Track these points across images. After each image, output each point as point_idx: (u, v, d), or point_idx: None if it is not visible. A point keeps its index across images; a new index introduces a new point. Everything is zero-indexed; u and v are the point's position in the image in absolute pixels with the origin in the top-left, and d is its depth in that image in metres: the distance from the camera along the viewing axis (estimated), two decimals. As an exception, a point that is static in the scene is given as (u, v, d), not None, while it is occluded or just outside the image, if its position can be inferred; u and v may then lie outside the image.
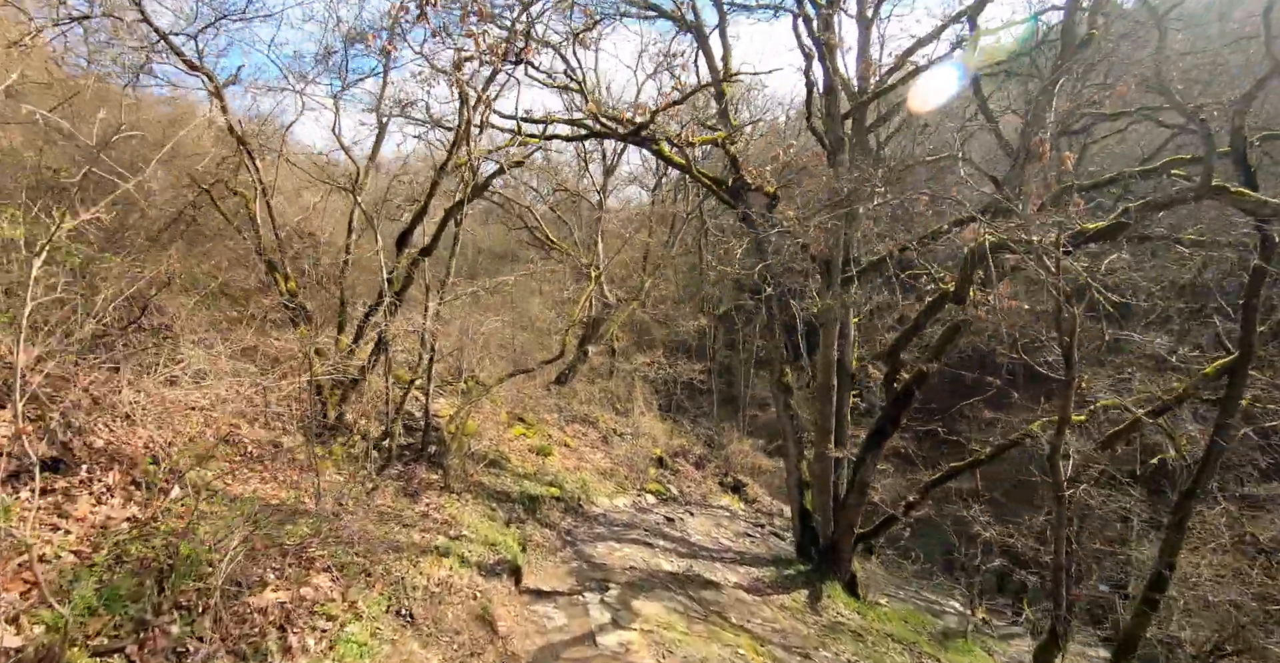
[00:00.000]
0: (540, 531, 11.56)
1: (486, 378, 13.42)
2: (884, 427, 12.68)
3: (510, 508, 11.64)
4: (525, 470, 13.82)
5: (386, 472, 10.06)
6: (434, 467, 11.34)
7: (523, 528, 11.02)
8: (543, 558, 10.24)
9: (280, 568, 5.22)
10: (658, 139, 12.76)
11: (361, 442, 9.57)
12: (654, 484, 17.75)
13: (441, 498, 10.11)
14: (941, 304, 9.58)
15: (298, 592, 5.15)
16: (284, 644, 4.66)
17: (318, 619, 5.13)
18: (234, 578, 4.73)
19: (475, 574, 7.60)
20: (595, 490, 15.15)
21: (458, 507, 10.07)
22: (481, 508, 10.77)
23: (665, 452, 19.82)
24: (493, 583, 7.65)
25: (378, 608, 5.75)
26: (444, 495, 10.27)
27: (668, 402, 23.23)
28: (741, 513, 19.71)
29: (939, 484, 13.75)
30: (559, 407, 18.41)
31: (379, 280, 10.61)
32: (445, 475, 10.35)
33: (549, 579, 9.31)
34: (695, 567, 12.69)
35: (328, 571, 5.65)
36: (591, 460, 16.83)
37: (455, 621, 6.30)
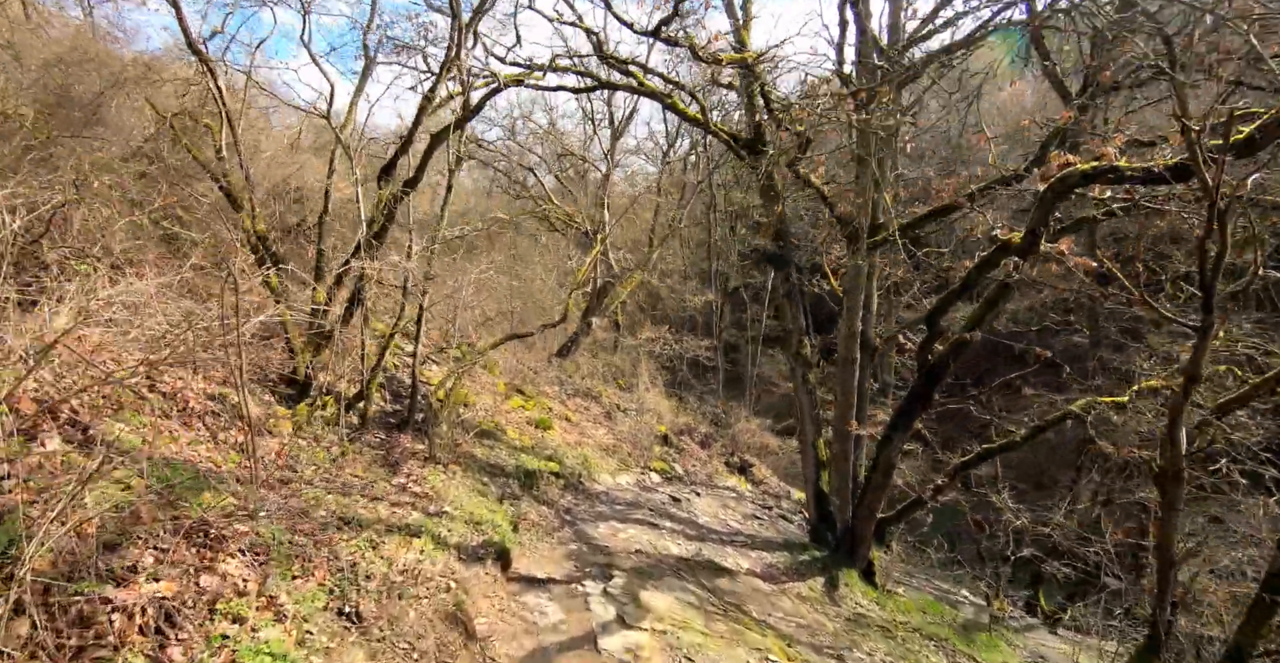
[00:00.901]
0: (536, 508, 10.01)
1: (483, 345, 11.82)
2: (914, 403, 11.09)
3: (504, 483, 10.08)
4: (522, 444, 12.25)
5: (364, 438, 8.49)
6: (420, 436, 9.78)
7: (517, 505, 9.47)
8: (538, 539, 8.68)
9: (169, 548, 3.64)
10: (681, 45, 10.96)
11: (334, 403, 7.96)
12: (659, 462, 16.19)
13: (425, 470, 8.53)
14: (999, 259, 7.95)
15: (192, 583, 3.58)
16: (154, 660, 3.09)
17: (219, 621, 3.57)
18: (84, 563, 3.15)
19: (453, 559, 6.04)
20: (597, 467, 13.60)
21: (443, 480, 8.50)
22: (471, 482, 9.19)
23: (670, 429, 18.27)
24: (474, 570, 6.10)
25: (312, 604, 4.19)
26: (428, 467, 8.70)
27: (673, 378, 21.64)
28: (749, 494, 18.16)
29: (970, 468, 12.19)
30: (560, 379, 16.84)
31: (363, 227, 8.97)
32: (430, 446, 8.75)
33: (544, 563, 7.75)
34: (705, 551, 11.15)
35: (243, 554, 4.06)
36: (594, 436, 15.27)
37: (419, 620, 4.74)
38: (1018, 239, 7.63)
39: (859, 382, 12.74)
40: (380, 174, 8.45)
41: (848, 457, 12.84)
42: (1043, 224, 6.90)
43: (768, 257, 12.87)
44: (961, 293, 8.99)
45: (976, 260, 8.39)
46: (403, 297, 8.14)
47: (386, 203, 8.18)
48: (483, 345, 11.78)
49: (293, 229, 13.53)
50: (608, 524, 10.71)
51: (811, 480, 13.07)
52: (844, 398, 12.56)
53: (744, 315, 25.60)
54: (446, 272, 10.87)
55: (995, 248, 7.97)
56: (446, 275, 10.33)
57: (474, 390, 13.63)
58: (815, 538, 13.29)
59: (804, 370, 12.79)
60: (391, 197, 8.19)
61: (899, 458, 11.82)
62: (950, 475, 12.24)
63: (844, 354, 12.43)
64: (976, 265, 8.40)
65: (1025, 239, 7.15)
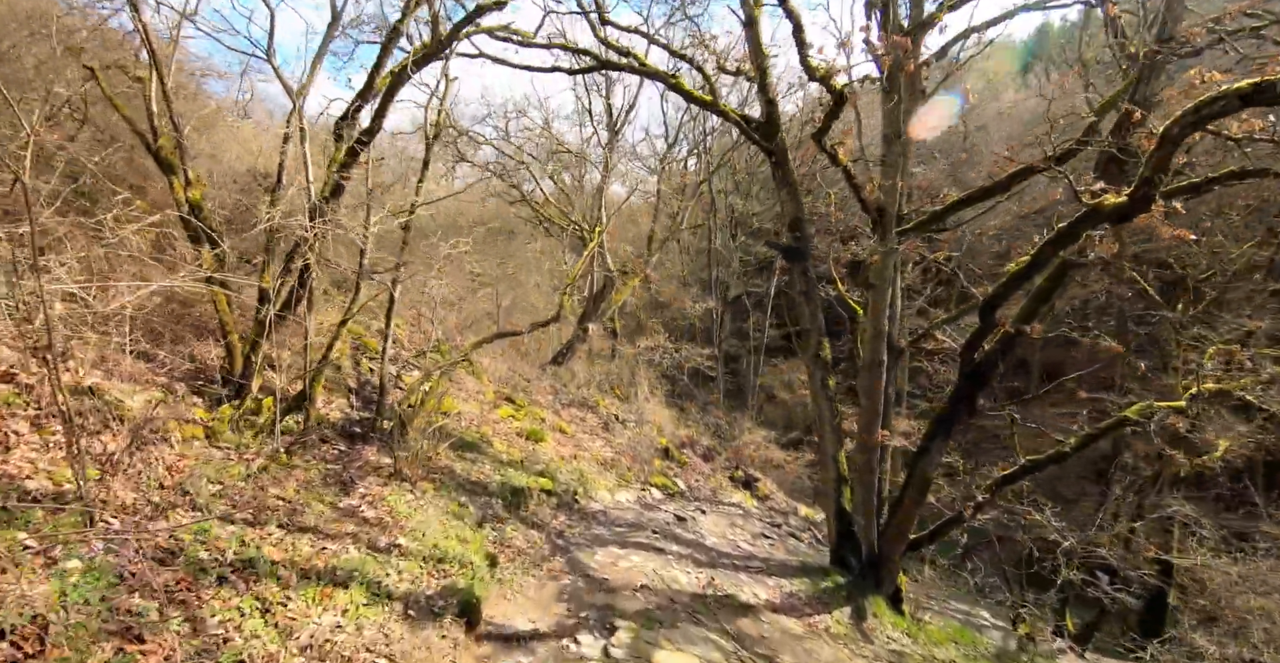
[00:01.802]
0: (524, 533, 8.16)
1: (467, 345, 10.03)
2: (956, 408, 9.33)
3: (485, 503, 8.23)
4: (510, 457, 10.40)
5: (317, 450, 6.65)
6: (389, 448, 7.91)
7: (500, 530, 7.63)
8: (523, 572, 6.82)
9: None
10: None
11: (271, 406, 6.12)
12: (659, 477, 14.34)
13: (386, 489, 6.69)
14: (1083, 229, 6.22)
15: None
16: None
17: None
18: None
19: (394, 618, 4.22)
20: (594, 483, 11.75)
21: (408, 501, 6.65)
22: (445, 503, 7.34)
23: (672, 442, 16.43)
24: (425, 633, 4.27)
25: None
26: (391, 486, 6.85)
27: (673, 388, 19.82)
28: (755, 511, 16.27)
29: (1012, 482, 10.43)
30: (555, 388, 15.00)
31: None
32: (395, 460, 6.90)
33: (528, 608, 5.89)
34: (718, 579, 9.29)
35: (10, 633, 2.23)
36: (590, 449, 13.42)
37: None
38: (1111, 202, 5.89)
39: (885, 387, 10.95)
40: (336, 129, 6.74)
41: (872, 470, 11.03)
42: (1161, 171, 5.17)
43: (783, 250, 11.14)
44: (1029, 274, 7.24)
45: (1050, 233, 6.64)
46: (357, 276, 6.35)
47: (340, 160, 6.44)
48: (467, 345, 9.96)
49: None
50: (606, 550, 8.86)
51: (833, 498, 11.22)
52: (869, 405, 10.77)
53: (745, 324, 23.88)
54: (421, 270, 9.08)
55: (1081, 215, 6.23)
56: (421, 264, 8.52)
57: (459, 398, 11.80)
58: (837, 561, 11.42)
59: (823, 375, 11.01)
60: (347, 151, 6.46)
61: (937, 472, 10.02)
62: (991, 491, 10.45)
63: (869, 357, 10.66)
64: (1051, 240, 6.68)
65: (1136, 193, 5.41)
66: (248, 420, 6.03)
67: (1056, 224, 6.67)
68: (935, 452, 9.75)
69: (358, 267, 6.36)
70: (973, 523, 11.12)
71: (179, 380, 6.69)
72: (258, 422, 6.20)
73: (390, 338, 7.98)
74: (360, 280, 6.35)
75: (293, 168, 7.16)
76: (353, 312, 6.35)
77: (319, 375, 6.08)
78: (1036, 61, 34.87)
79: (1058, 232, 6.62)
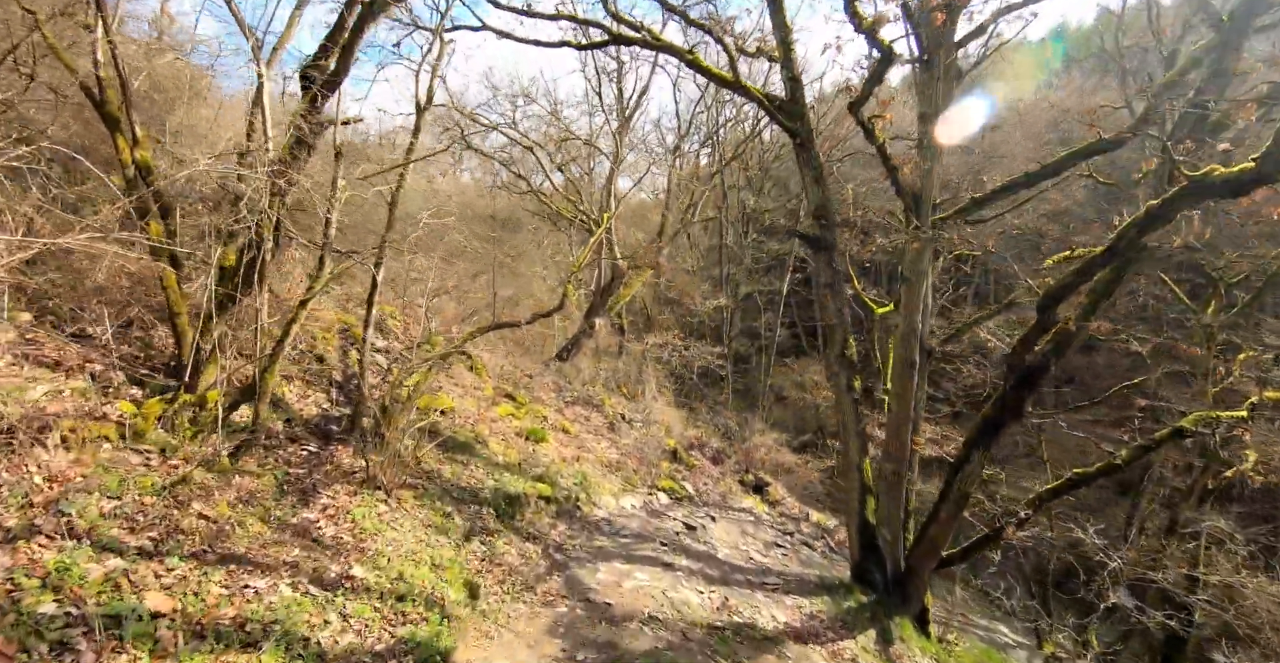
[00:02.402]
0: (517, 546, 7.03)
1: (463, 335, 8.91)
2: (1001, 414, 8.17)
3: (475, 514, 7.09)
4: (507, 460, 9.28)
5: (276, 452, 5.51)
6: (365, 449, 6.76)
7: (489, 544, 6.49)
8: (512, 598, 5.67)
9: None
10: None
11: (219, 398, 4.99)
12: (667, 481, 13.19)
13: (355, 500, 5.55)
14: (1189, 202, 5.02)
15: None
16: None
17: None
18: None
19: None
20: (598, 488, 10.61)
21: (380, 514, 5.51)
22: (426, 514, 6.19)
23: (680, 443, 15.28)
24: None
25: None
26: (363, 494, 5.70)
27: (681, 387, 18.65)
28: (766, 518, 15.09)
29: (1059, 496, 9.22)
30: (558, 385, 13.87)
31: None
32: (368, 464, 5.76)
33: (514, 647, 4.76)
34: (733, 599, 8.16)
35: None
36: (594, 450, 12.28)
37: None
38: (1221, 174, 4.69)
39: (917, 391, 9.78)
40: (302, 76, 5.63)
41: (901, 481, 9.88)
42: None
43: (808, 239, 9.97)
44: (1106, 261, 6.06)
45: (1138, 214, 5.45)
46: (321, 250, 5.23)
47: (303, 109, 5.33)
48: (461, 336, 8.83)
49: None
50: (610, 566, 7.73)
51: (856, 510, 10.05)
52: (899, 410, 9.61)
53: (754, 323, 22.68)
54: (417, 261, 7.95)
55: (1181, 190, 5.04)
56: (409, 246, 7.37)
57: (454, 394, 10.68)
58: (859, 577, 10.24)
59: (849, 376, 9.84)
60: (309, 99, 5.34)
61: (977, 485, 8.83)
62: (1035, 506, 9.25)
63: (901, 356, 9.49)
64: (1139, 222, 5.50)
65: (1268, 161, 4.23)
66: (188, 417, 4.91)
67: (1121, 217, 5.49)
68: (976, 463, 8.57)
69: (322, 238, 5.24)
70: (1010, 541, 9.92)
71: (119, 368, 5.56)
72: (202, 419, 5.07)
73: (371, 325, 6.84)
74: (325, 254, 5.24)
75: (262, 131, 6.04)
76: (315, 289, 5.24)
77: (273, 364, 4.97)
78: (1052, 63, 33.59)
79: (1147, 212, 5.45)
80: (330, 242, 5.24)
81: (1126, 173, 14.29)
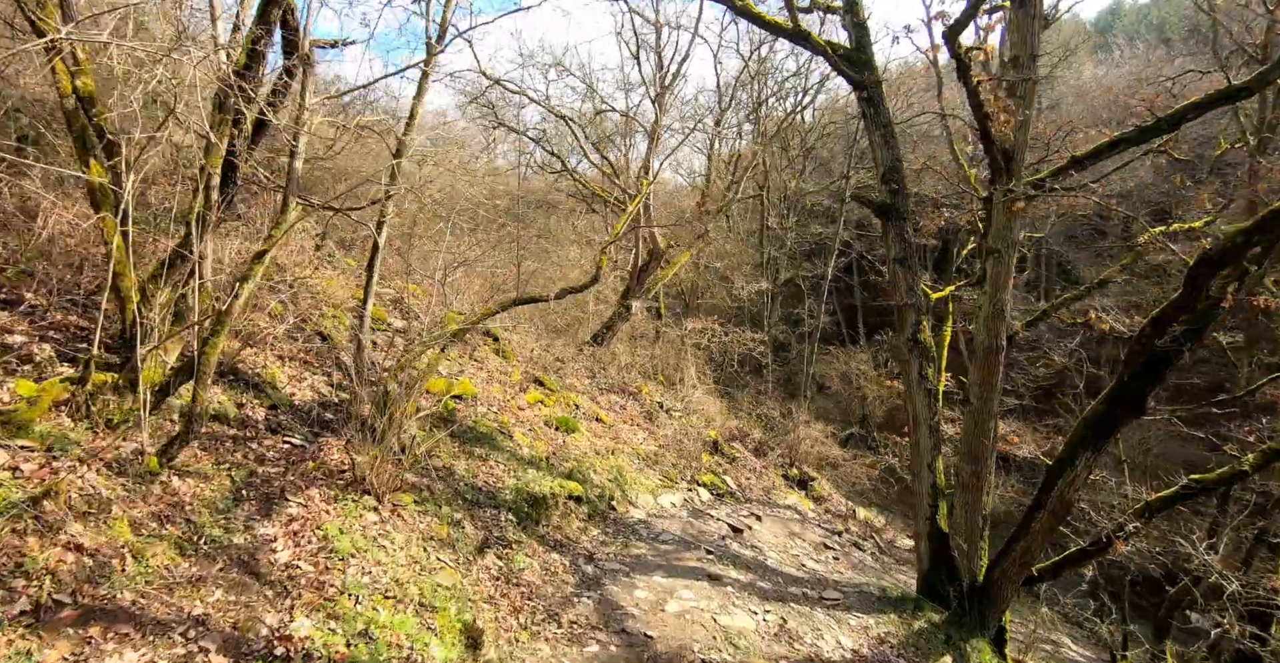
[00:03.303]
0: (541, 559, 5.70)
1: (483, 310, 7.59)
2: (1115, 409, 6.61)
3: (492, 519, 5.77)
4: (534, 453, 7.96)
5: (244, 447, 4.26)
6: (366, 441, 5.46)
7: (508, 559, 5.17)
8: (530, 636, 4.40)
9: None
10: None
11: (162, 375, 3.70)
12: (708, 475, 11.78)
13: (336, 507, 4.27)
14: None
15: None
16: None
17: None
18: None
19: None
20: (634, 484, 9.27)
21: (365, 526, 4.21)
22: (429, 523, 4.86)
23: (720, 434, 13.81)
24: None
25: None
26: (346, 500, 4.34)
27: (720, 375, 17.16)
28: (812, 515, 13.60)
29: (1172, 505, 7.56)
30: (592, 371, 12.54)
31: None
32: (354, 464, 4.45)
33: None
34: (791, 622, 6.79)
35: None
36: (630, 441, 10.94)
37: None
38: None
39: (1000, 381, 8.19)
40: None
41: (981, 484, 8.35)
42: None
43: (876, 206, 8.44)
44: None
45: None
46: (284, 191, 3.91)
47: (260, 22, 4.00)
48: (479, 312, 7.52)
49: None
50: (650, 581, 6.38)
51: (925, 514, 8.55)
52: (981, 403, 8.06)
53: (794, 311, 21.05)
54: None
55: None
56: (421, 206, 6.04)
57: (479, 379, 9.41)
58: (928, 591, 8.73)
59: (921, 363, 8.31)
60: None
61: (1080, 492, 7.23)
62: (1144, 515, 7.61)
63: (986, 341, 7.93)
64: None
65: None
66: (109, 403, 3.66)
67: None
68: (1082, 466, 6.99)
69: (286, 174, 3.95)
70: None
71: (49, 340, 4.33)
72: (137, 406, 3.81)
73: (371, 296, 5.55)
74: (289, 195, 3.93)
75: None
76: (276, 238, 3.95)
77: (216, 334, 3.68)
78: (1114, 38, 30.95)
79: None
80: (296, 178, 3.94)
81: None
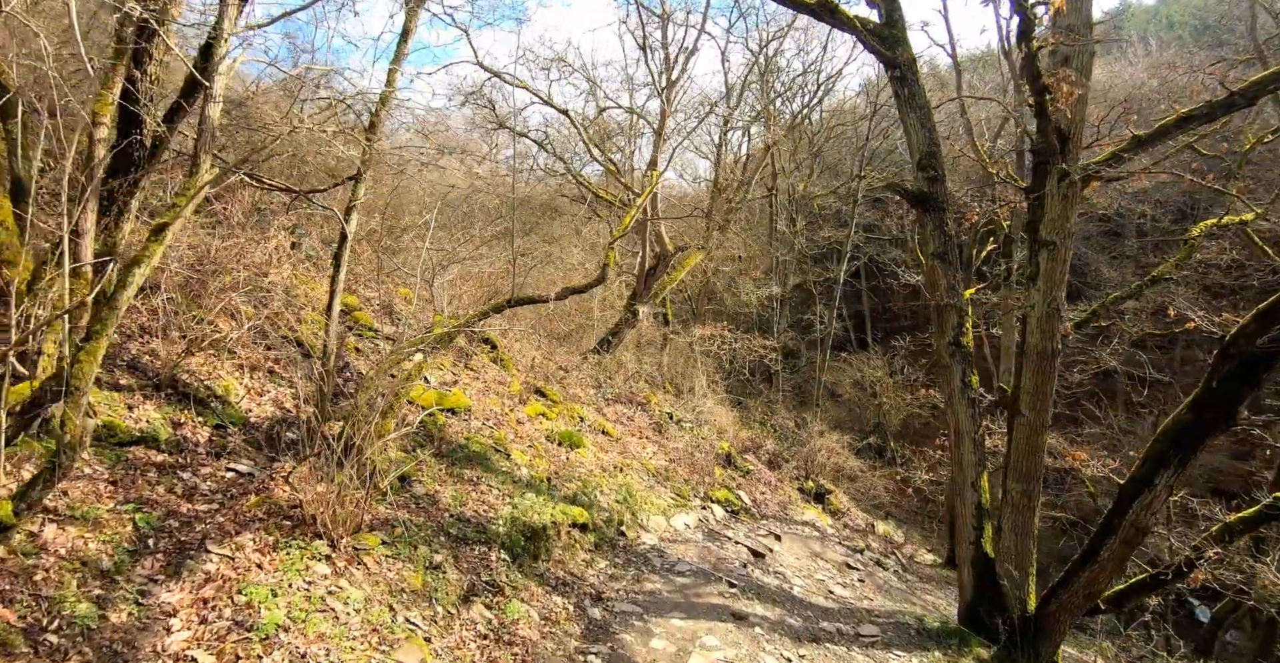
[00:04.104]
0: (541, 604, 4.65)
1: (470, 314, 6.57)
2: (1202, 418, 5.50)
3: (481, 558, 4.72)
4: (533, 474, 6.92)
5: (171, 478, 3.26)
6: (327, 470, 4.40)
7: (500, 608, 4.09)
8: (523, 718, 3.15)
9: None
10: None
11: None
12: (721, 491, 10.74)
13: (275, 557, 3.12)
14: None
15: None
16: None
17: None
18: None
19: None
20: (644, 505, 8.23)
21: (311, 582, 3.15)
22: (398, 571, 3.77)
23: (733, 446, 12.74)
24: None
25: None
26: (290, 546, 3.23)
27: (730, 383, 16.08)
28: (830, 531, 12.51)
29: (1255, 527, 6.47)
30: (598, 381, 11.49)
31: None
32: (301, 503, 3.39)
33: None
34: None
35: None
36: (639, 456, 9.90)
37: None
38: None
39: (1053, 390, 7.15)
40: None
41: (1032, 504, 7.34)
42: None
43: (912, 196, 7.41)
44: None
45: None
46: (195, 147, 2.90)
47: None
48: (473, 312, 6.51)
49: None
50: (667, 623, 5.34)
51: (970, 537, 7.48)
52: (1035, 414, 7.05)
53: (804, 316, 20.01)
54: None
55: None
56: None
57: (474, 390, 8.39)
58: (971, 622, 7.64)
59: (964, 369, 7.28)
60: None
61: (1159, 516, 6.17)
62: (1223, 539, 6.53)
63: (1040, 344, 6.93)
64: None
65: None
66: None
67: None
68: (1162, 486, 5.92)
69: (198, 125, 2.97)
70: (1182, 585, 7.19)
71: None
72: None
73: (339, 294, 4.55)
74: (201, 151, 2.95)
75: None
76: (183, 208, 2.93)
77: (96, 337, 2.68)
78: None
79: None
80: (211, 129, 2.97)
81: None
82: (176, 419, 4.50)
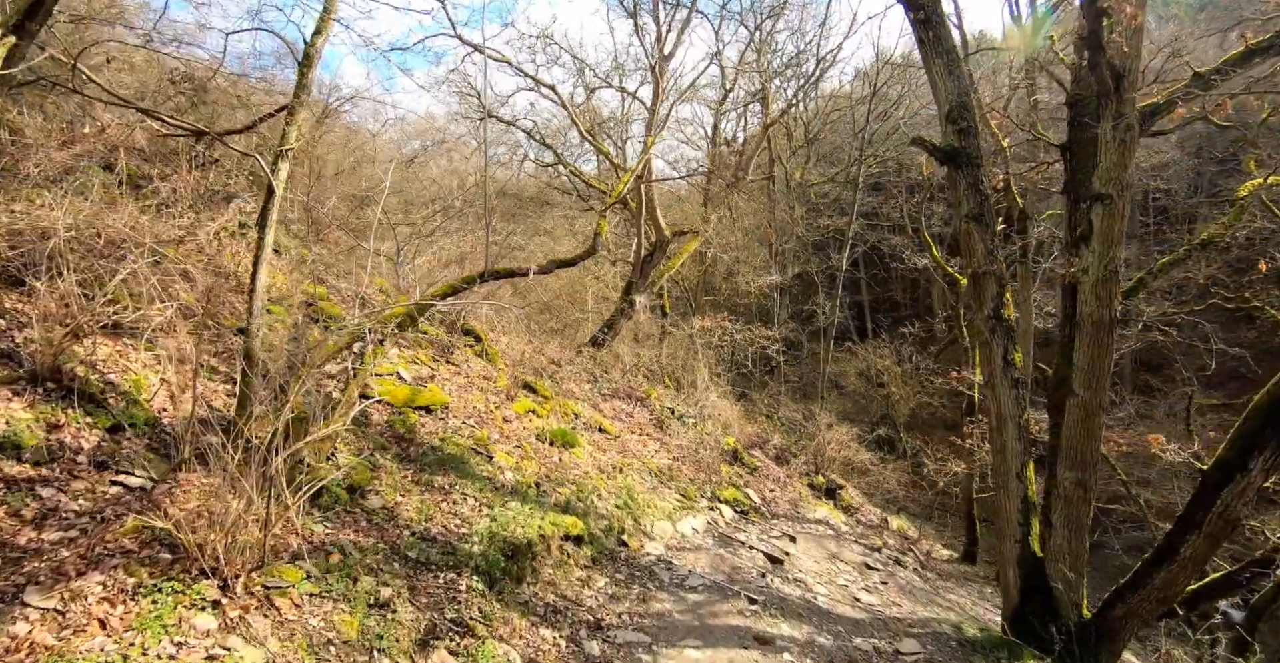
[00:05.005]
0: (523, 641, 3.49)
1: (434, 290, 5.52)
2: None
3: (448, 588, 3.57)
4: (519, 478, 5.88)
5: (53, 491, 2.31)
6: (238, 480, 3.28)
7: (468, 654, 2.91)
8: None
9: None
10: None
11: None
12: (729, 489, 9.70)
13: (133, 606, 1.96)
14: None
15: None
16: None
17: None
18: None
19: None
20: (647, 509, 7.17)
21: (185, 640, 1.92)
22: (328, 614, 2.59)
23: (739, 441, 11.69)
24: None
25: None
26: (162, 590, 2.04)
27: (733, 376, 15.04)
28: (845, 529, 11.47)
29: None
30: (593, 374, 10.45)
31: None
32: (185, 541, 2.31)
33: None
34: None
35: None
36: (640, 454, 8.86)
37: None
38: None
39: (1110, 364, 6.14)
40: None
41: (1088, 496, 6.32)
42: None
43: (940, 152, 6.39)
44: None
45: None
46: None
47: None
48: (437, 287, 5.46)
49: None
50: (680, 657, 4.32)
51: (1014, 534, 6.48)
52: (1090, 393, 6.01)
53: (804, 306, 18.99)
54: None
55: None
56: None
57: (454, 386, 7.34)
58: (1019, 629, 6.61)
59: (1006, 345, 6.27)
60: None
61: (1249, 507, 5.14)
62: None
63: (1095, 313, 5.92)
64: None
65: None
66: None
67: None
68: (1256, 472, 4.90)
69: None
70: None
71: None
72: None
73: (263, 263, 3.51)
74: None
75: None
76: None
77: None
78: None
79: None
80: None
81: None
82: (54, 421, 3.45)
